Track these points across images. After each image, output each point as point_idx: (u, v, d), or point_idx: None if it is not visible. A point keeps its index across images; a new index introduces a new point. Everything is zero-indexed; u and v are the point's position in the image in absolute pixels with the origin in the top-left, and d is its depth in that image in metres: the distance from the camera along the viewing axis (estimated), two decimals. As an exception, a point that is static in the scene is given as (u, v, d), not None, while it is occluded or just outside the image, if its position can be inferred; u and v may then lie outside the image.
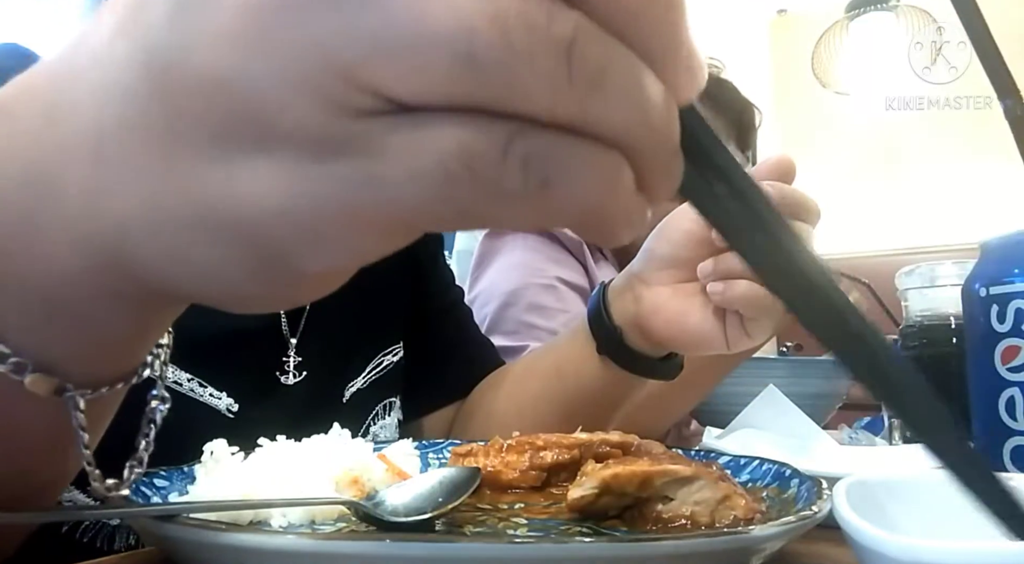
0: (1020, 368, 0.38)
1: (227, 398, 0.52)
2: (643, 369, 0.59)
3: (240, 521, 0.33)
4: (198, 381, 0.51)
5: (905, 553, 0.22)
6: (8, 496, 0.24)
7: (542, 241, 1.12)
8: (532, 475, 0.41)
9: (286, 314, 0.57)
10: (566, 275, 1.08)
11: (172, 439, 0.38)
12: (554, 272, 1.08)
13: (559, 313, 1.02)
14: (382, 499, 0.35)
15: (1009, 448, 0.38)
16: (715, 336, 0.52)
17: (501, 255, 1.11)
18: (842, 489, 0.28)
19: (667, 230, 0.55)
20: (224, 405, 0.52)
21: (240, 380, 0.53)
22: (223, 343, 0.51)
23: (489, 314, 1.05)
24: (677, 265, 0.54)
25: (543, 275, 1.07)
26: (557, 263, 1.09)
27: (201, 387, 0.51)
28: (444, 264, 0.79)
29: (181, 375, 0.50)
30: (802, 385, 0.87)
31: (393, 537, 0.24)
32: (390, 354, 0.66)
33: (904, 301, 0.69)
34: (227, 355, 0.52)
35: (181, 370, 0.50)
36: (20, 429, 0.24)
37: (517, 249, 1.11)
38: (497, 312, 1.05)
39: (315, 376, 0.57)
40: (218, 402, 0.52)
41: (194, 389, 0.51)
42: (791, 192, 0.49)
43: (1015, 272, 0.39)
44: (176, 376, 0.50)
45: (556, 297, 1.06)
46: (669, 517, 0.33)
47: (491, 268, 1.12)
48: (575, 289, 1.09)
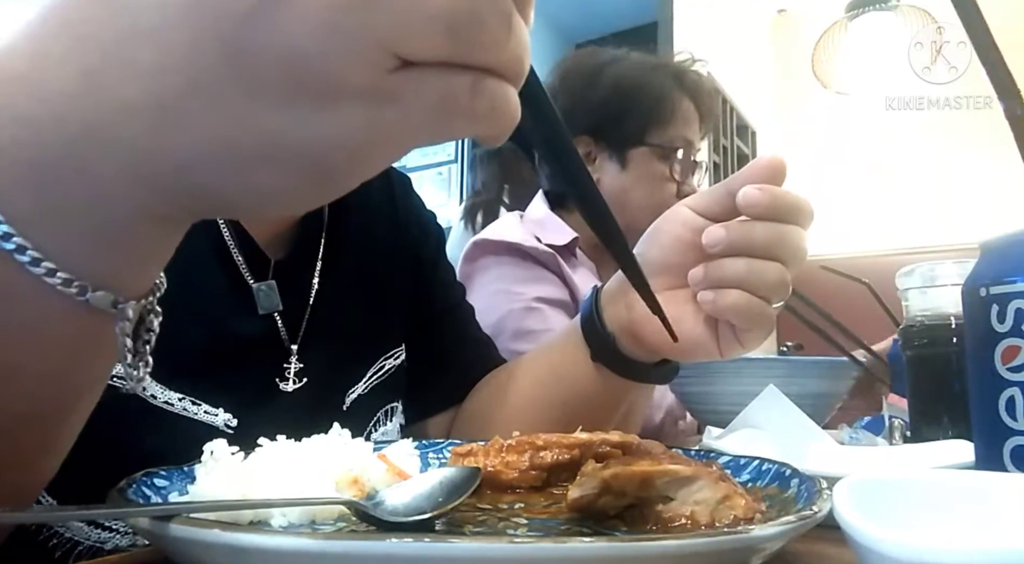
0: (1020, 368, 0.38)
1: (224, 414, 0.50)
2: (638, 374, 0.58)
3: (240, 521, 0.33)
4: (191, 400, 0.49)
5: (905, 553, 0.22)
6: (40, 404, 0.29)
7: (516, 261, 1.12)
8: (532, 475, 0.41)
9: (284, 322, 0.55)
10: (545, 293, 1.09)
11: (169, 463, 0.38)
12: (533, 293, 1.08)
13: (544, 333, 1.02)
14: (382, 499, 0.35)
15: (1009, 448, 0.38)
16: (708, 344, 0.51)
17: (477, 282, 1.12)
18: (842, 489, 0.28)
19: (656, 235, 0.54)
20: (221, 421, 0.50)
21: (237, 393, 0.51)
22: (217, 357, 0.50)
23: None
24: (668, 271, 0.53)
25: (521, 299, 1.07)
26: (534, 282, 1.09)
27: (195, 405, 0.49)
28: (446, 264, 0.78)
29: (172, 395, 0.48)
30: (802, 385, 0.87)
31: (393, 537, 0.24)
32: (392, 358, 0.65)
33: (904, 301, 0.69)
34: (222, 369, 0.50)
35: (171, 390, 0.48)
36: (60, 337, 0.27)
37: (491, 275, 1.11)
38: None
39: (315, 383, 0.56)
40: (215, 419, 0.50)
41: (187, 408, 0.49)
42: (782, 195, 0.47)
43: (1015, 272, 0.39)
44: (166, 396, 0.48)
45: (539, 318, 1.06)
46: (669, 517, 0.33)
47: (471, 298, 1.13)
48: (556, 305, 1.10)
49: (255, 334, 0.53)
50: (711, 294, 0.48)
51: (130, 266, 0.27)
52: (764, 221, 0.47)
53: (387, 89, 0.21)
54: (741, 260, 0.47)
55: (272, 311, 0.49)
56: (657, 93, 1.17)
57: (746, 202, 0.47)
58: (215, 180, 0.23)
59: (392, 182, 0.71)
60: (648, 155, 1.17)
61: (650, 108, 1.17)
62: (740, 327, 0.50)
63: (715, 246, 0.48)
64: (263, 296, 0.48)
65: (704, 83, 1.23)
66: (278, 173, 0.23)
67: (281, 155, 0.22)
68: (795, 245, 0.48)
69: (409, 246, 0.70)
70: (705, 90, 1.23)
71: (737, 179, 0.49)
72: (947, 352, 0.64)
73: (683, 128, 1.18)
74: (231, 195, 0.24)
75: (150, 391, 0.47)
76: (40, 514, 0.24)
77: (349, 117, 0.22)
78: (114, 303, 0.26)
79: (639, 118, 1.17)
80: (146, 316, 0.29)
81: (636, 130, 1.17)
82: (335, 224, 0.61)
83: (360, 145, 0.23)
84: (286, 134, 0.22)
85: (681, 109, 1.18)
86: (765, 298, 0.48)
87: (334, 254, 0.60)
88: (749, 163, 0.50)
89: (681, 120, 1.18)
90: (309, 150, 0.22)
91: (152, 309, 0.29)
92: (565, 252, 1.16)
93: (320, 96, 0.21)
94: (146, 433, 0.44)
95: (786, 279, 0.48)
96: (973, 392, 0.41)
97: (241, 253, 0.52)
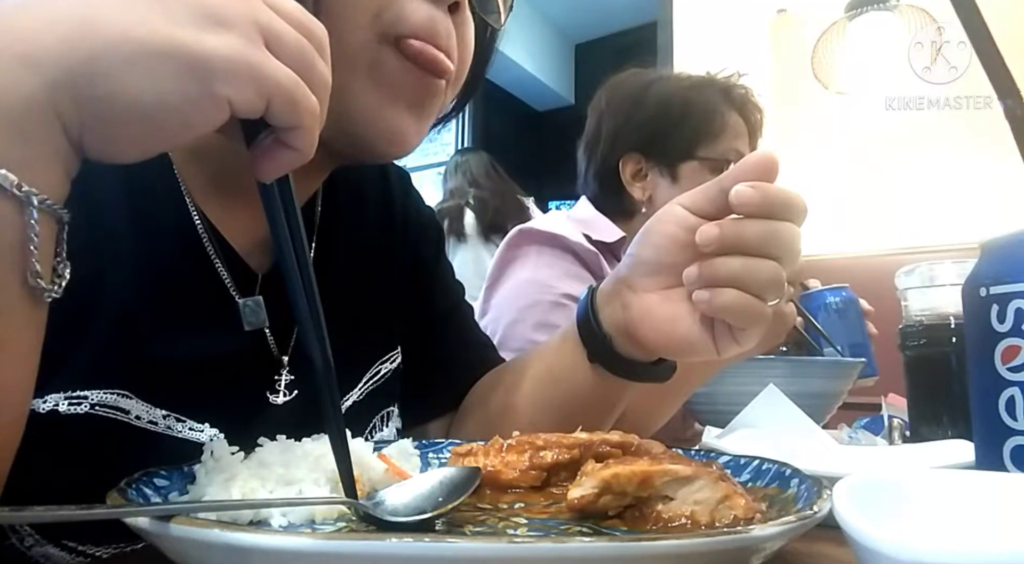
0: (1020, 368, 0.38)
1: (210, 429, 0.49)
2: (635, 374, 0.58)
3: (240, 521, 0.33)
4: (175, 417, 0.47)
5: (905, 553, 0.22)
6: None
7: (557, 254, 1.14)
8: (532, 475, 0.41)
9: (274, 334, 0.53)
10: (577, 290, 1.09)
11: None
12: (564, 289, 1.10)
13: None
14: (382, 499, 0.35)
15: (1009, 448, 0.38)
16: (704, 343, 0.51)
17: (515, 268, 1.15)
18: (842, 489, 0.28)
19: (650, 235, 0.54)
20: (207, 437, 0.48)
21: (224, 408, 0.49)
22: (204, 373, 0.48)
23: (499, 330, 1.09)
24: (662, 270, 0.53)
25: (552, 292, 1.09)
26: (570, 278, 1.11)
27: (179, 422, 0.47)
28: (446, 263, 0.77)
29: (156, 413, 0.46)
30: (802, 385, 0.87)
31: (393, 537, 0.24)
32: (388, 362, 0.64)
33: (904, 301, 0.69)
34: (209, 384, 0.48)
35: (155, 407, 0.46)
36: None
37: (529, 264, 1.14)
38: (507, 329, 1.09)
39: (307, 394, 0.54)
40: (200, 435, 0.48)
41: (171, 426, 0.47)
42: (775, 192, 0.47)
43: (1015, 272, 0.39)
44: (151, 415, 0.46)
45: (565, 315, 1.07)
46: (669, 517, 0.33)
47: (506, 283, 1.15)
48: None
49: (243, 348, 0.51)
50: (706, 293, 0.48)
51: (34, 159, 0.29)
52: (757, 218, 0.47)
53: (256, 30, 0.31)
54: (735, 258, 0.47)
55: (258, 327, 0.48)
56: (705, 107, 1.20)
57: (738, 200, 0.47)
58: (121, 73, 0.29)
59: (390, 180, 0.70)
60: (699, 169, 1.20)
61: (699, 122, 1.20)
62: (736, 326, 0.50)
63: (709, 245, 0.48)
64: (249, 312, 0.47)
65: (751, 97, 1.26)
66: (174, 73, 0.29)
67: (181, 55, 0.29)
68: (789, 242, 0.47)
69: (408, 245, 0.70)
70: (752, 104, 1.25)
71: (729, 176, 0.49)
72: (947, 352, 0.64)
73: (733, 141, 1.21)
74: (128, 90, 0.29)
75: (134, 412, 0.45)
76: (40, 514, 0.24)
77: (232, 40, 0.30)
78: (18, 186, 0.28)
79: (688, 133, 1.20)
80: (55, 226, 0.31)
81: (685, 145, 1.20)
82: (326, 226, 0.60)
83: (236, 59, 0.30)
84: (188, 42, 0.29)
85: (730, 123, 1.21)
86: (760, 296, 0.48)
87: (325, 259, 0.59)
88: (741, 160, 0.50)
89: (731, 134, 1.21)
90: (202, 55, 0.29)
91: (60, 219, 0.31)
92: (609, 252, 1.18)
93: (217, 25, 0.30)
94: (129, 456, 0.42)
95: (781, 276, 0.48)
96: (973, 392, 0.41)
97: (226, 267, 0.51)
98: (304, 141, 0.33)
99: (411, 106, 0.50)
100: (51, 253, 0.31)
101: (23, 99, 0.28)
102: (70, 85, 0.29)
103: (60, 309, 0.32)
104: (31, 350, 0.32)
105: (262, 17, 0.32)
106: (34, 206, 0.29)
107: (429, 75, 0.49)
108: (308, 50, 0.33)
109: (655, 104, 1.22)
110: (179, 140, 0.32)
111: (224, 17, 0.30)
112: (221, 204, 0.51)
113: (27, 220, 0.29)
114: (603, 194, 1.26)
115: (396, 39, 0.47)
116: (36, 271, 0.30)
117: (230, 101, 0.30)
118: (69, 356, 0.43)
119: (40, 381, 0.33)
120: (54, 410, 0.42)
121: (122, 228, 0.46)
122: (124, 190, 0.47)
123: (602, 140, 1.26)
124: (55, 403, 0.42)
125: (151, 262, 0.47)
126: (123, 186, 0.47)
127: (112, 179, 0.46)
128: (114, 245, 0.46)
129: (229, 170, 0.50)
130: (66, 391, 0.43)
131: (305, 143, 0.33)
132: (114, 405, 0.44)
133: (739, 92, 1.24)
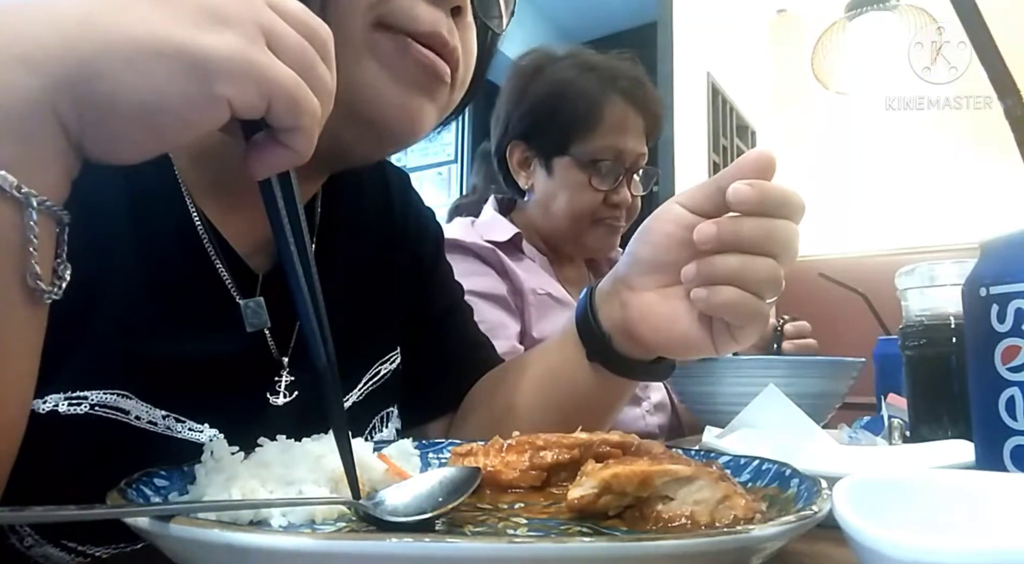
0: (1020, 368, 0.38)
1: (210, 429, 0.49)
2: (634, 372, 0.58)
3: (240, 521, 0.33)
4: (175, 417, 0.47)
5: (905, 553, 0.22)
6: None
7: (455, 257, 1.13)
8: (532, 475, 0.41)
9: (274, 335, 0.53)
10: (478, 285, 1.11)
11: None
12: (467, 285, 1.09)
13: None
14: (382, 499, 0.35)
15: (1009, 448, 0.38)
16: (702, 341, 0.51)
17: None
18: (842, 489, 0.28)
19: (647, 233, 0.54)
20: (207, 438, 0.48)
21: (224, 409, 0.49)
22: (204, 374, 0.48)
23: None
24: (660, 269, 0.53)
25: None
26: (467, 275, 1.10)
27: (179, 423, 0.47)
28: (445, 262, 0.78)
29: (156, 413, 0.46)
30: (802, 385, 0.87)
31: (393, 537, 0.24)
32: (388, 362, 0.64)
33: (904, 301, 0.69)
34: (209, 385, 0.48)
35: (155, 407, 0.46)
36: None
37: None
38: None
39: (307, 395, 0.54)
40: (200, 435, 0.48)
41: (171, 426, 0.47)
42: (772, 189, 0.47)
43: (1015, 272, 0.39)
44: (151, 415, 0.46)
45: (476, 309, 1.07)
46: (669, 517, 0.33)
47: None
48: (490, 297, 1.13)
49: (243, 350, 0.51)
50: (704, 291, 0.48)
51: (35, 164, 0.29)
52: (754, 216, 0.47)
53: (258, 33, 0.31)
54: (733, 256, 0.47)
55: (260, 328, 0.48)
56: (584, 100, 1.15)
57: (736, 198, 0.47)
58: (120, 73, 0.29)
59: (389, 182, 0.70)
60: (569, 165, 1.17)
61: (573, 114, 1.15)
62: (734, 323, 0.50)
63: (706, 243, 0.48)
64: (251, 313, 0.47)
65: (645, 86, 1.19)
66: (173, 72, 0.29)
67: (180, 55, 0.29)
68: (786, 240, 0.47)
69: (407, 246, 0.70)
70: (647, 94, 1.19)
71: (726, 175, 0.49)
72: (947, 352, 0.64)
73: (613, 137, 1.15)
74: (127, 88, 0.29)
75: (134, 412, 0.45)
76: (40, 514, 0.24)
77: (232, 40, 0.30)
78: (18, 187, 0.28)
79: (564, 126, 1.16)
80: (55, 227, 0.31)
81: (560, 138, 1.17)
82: (326, 227, 0.60)
83: (235, 59, 0.30)
84: (187, 41, 0.29)
85: (609, 117, 1.15)
86: (758, 294, 0.48)
87: (325, 260, 0.58)
88: (738, 158, 0.50)
89: (609, 129, 1.15)
90: (201, 54, 0.29)
91: (60, 221, 0.31)
92: (508, 247, 1.19)
93: (219, 24, 0.30)
94: (129, 456, 0.42)
95: (778, 274, 0.48)
96: (973, 392, 0.41)
97: (226, 268, 0.51)
98: (302, 142, 0.33)
99: (417, 85, 0.49)
100: (51, 254, 0.31)
101: (23, 100, 0.28)
102: (70, 85, 0.28)
103: (60, 310, 0.32)
104: (31, 351, 0.32)
105: (263, 17, 0.32)
106: (34, 207, 0.29)
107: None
108: (310, 51, 0.33)
109: (541, 90, 1.18)
110: (179, 140, 0.31)
111: (225, 17, 0.30)
112: (221, 205, 0.51)
113: (27, 221, 0.29)
114: (504, 180, 1.28)
115: (395, 31, 0.47)
116: (36, 272, 0.30)
117: (230, 101, 0.30)
118: (69, 356, 0.43)
119: (40, 381, 0.33)
120: (54, 410, 0.42)
121: (122, 229, 0.46)
122: (124, 191, 0.47)
123: (499, 124, 1.26)
124: (55, 403, 0.42)
125: (151, 263, 0.47)
126: (123, 187, 0.47)
127: (112, 180, 0.46)
128: (114, 246, 0.45)
129: (230, 171, 0.50)
130: (66, 391, 0.43)
131: (303, 144, 0.33)
132: (114, 405, 0.44)
133: (626, 80, 1.17)
